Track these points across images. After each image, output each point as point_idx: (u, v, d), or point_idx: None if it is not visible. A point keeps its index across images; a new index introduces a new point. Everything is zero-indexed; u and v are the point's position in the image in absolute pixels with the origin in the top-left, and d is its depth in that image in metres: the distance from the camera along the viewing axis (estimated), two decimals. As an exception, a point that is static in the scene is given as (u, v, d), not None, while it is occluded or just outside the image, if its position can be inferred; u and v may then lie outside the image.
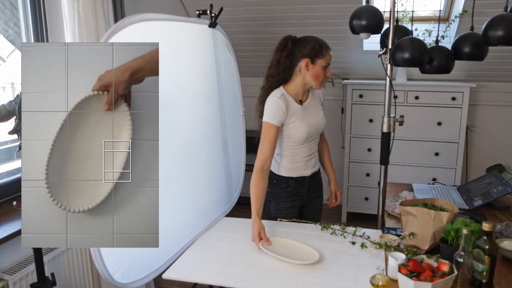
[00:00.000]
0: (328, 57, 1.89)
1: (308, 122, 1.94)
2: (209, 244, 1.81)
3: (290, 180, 2.00)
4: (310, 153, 2.02)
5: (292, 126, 1.91)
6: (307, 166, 2.02)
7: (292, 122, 1.91)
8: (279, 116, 1.87)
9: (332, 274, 1.53)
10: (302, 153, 1.99)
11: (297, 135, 1.93)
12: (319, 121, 2.00)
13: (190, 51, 1.90)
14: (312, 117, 1.97)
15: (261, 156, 1.86)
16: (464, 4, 3.09)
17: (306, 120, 1.94)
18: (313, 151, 2.04)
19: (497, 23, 1.59)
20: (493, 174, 2.22)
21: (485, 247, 1.31)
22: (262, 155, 1.86)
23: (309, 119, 1.95)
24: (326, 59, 1.88)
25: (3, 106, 1.62)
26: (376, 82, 3.57)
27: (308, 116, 1.96)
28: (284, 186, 2.00)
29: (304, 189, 2.04)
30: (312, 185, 2.07)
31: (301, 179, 2.02)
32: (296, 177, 2.01)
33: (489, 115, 3.74)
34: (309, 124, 1.94)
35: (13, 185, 2.08)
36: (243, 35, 3.63)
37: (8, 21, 2.19)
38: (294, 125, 1.91)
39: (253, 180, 1.84)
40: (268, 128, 1.88)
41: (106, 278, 1.40)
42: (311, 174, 2.04)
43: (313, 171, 2.05)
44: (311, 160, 2.03)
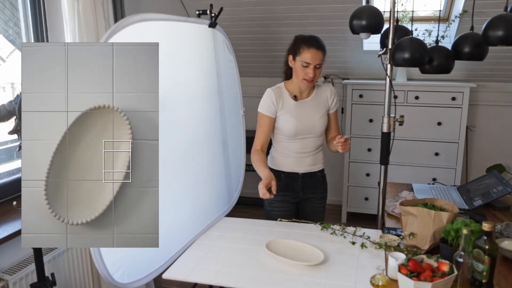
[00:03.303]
0: (305, 56, 1.88)
1: (298, 118, 1.98)
2: (209, 244, 1.81)
3: (282, 174, 2.05)
4: (304, 151, 2.04)
5: (282, 118, 1.99)
6: (299, 163, 2.04)
7: (282, 115, 1.99)
8: (269, 107, 1.98)
9: (332, 274, 1.53)
10: (294, 148, 2.02)
11: (285, 129, 1.99)
12: (312, 122, 2.01)
13: (190, 51, 1.90)
14: (305, 115, 2.00)
15: (257, 142, 2.02)
16: (464, 4, 3.09)
17: (297, 116, 1.98)
18: (309, 150, 2.05)
19: (497, 23, 1.59)
20: (493, 174, 2.22)
21: (485, 247, 1.31)
22: (257, 141, 2.02)
23: (300, 116, 1.98)
24: (303, 57, 1.89)
25: (3, 106, 1.62)
26: (376, 82, 3.57)
27: (301, 113, 1.99)
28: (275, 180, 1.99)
29: (297, 186, 2.07)
30: (307, 184, 2.08)
31: (293, 175, 2.05)
32: (288, 172, 2.05)
33: (489, 115, 3.73)
34: (299, 120, 1.98)
35: (13, 185, 2.08)
36: (243, 35, 3.63)
37: (8, 21, 2.19)
38: (283, 117, 1.99)
39: (253, 156, 1.99)
40: (260, 117, 2.02)
41: (106, 278, 1.40)
42: (305, 172, 2.06)
43: (308, 170, 2.06)
44: (306, 159, 2.04)
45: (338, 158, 3.89)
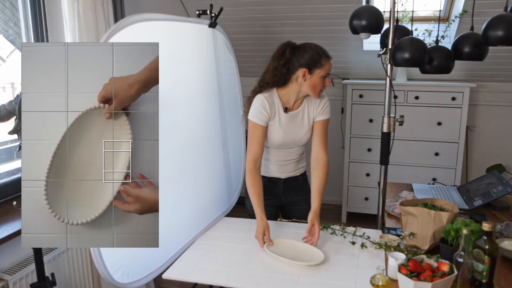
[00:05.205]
0: (327, 67, 1.81)
1: (285, 131, 1.90)
2: (209, 244, 1.81)
3: (264, 179, 1.98)
4: (287, 159, 1.99)
5: (270, 129, 1.90)
6: (282, 170, 2.01)
7: (271, 125, 1.89)
8: (262, 115, 1.85)
9: (332, 274, 1.53)
10: (277, 156, 1.98)
11: (270, 138, 1.92)
12: (299, 136, 1.93)
13: (190, 51, 1.90)
14: (293, 129, 1.91)
15: (251, 156, 1.86)
16: (464, 4, 3.09)
17: (285, 129, 1.90)
18: (292, 158, 2.00)
19: (497, 23, 1.59)
20: (493, 174, 2.22)
21: (485, 247, 1.31)
22: (252, 155, 1.86)
23: (287, 129, 1.90)
24: (325, 69, 1.80)
25: (3, 106, 1.62)
26: (376, 82, 3.57)
27: (289, 126, 1.91)
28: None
29: (278, 190, 2.04)
30: (288, 187, 2.04)
31: (275, 179, 2.03)
32: (269, 177, 2.02)
33: (489, 115, 3.73)
34: (286, 133, 1.90)
35: (13, 185, 2.08)
36: (243, 35, 3.63)
37: (8, 21, 2.19)
38: (272, 128, 1.89)
39: (249, 180, 1.84)
40: (253, 127, 1.87)
41: (106, 278, 1.40)
42: (287, 177, 2.03)
43: (290, 175, 2.03)
44: (288, 166, 2.01)
45: (338, 158, 3.90)
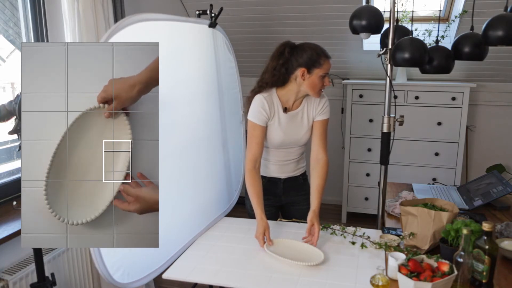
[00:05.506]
0: (326, 67, 1.80)
1: (285, 132, 1.90)
2: (209, 244, 1.81)
3: (264, 179, 1.97)
4: (286, 159, 1.99)
5: (269, 129, 1.89)
6: (282, 170, 2.01)
7: (271, 125, 1.89)
8: (261, 115, 1.85)
9: (332, 274, 1.53)
10: (277, 156, 1.98)
11: (270, 139, 1.91)
12: (298, 136, 1.93)
13: (190, 51, 1.90)
14: (292, 129, 1.91)
15: (250, 157, 1.86)
16: (464, 4, 3.09)
17: (284, 129, 1.90)
18: (292, 158, 2.00)
19: (497, 23, 1.59)
20: (493, 174, 2.22)
21: (485, 247, 1.31)
22: (251, 155, 1.86)
23: (287, 129, 1.90)
24: (324, 68, 1.80)
25: (3, 106, 1.62)
26: (376, 82, 3.57)
27: (289, 126, 1.90)
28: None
29: (278, 190, 2.03)
30: (288, 187, 2.04)
31: (275, 179, 2.02)
32: (269, 177, 2.02)
33: (489, 115, 3.74)
34: (286, 133, 1.90)
35: (13, 185, 2.08)
36: (243, 35, 3.63)
37: (8, 21, 2.19)
38: (271, 128, 1.89)
39: (248, 180, 1.84)
40: (253, 127, 1.87)
41: (106, 278, 1.40)
42: (287, 177, 2.02)
43: (290, 175, 2.03)
44: (288, 166, 2.01)
45: (338, 158, 3.90)
